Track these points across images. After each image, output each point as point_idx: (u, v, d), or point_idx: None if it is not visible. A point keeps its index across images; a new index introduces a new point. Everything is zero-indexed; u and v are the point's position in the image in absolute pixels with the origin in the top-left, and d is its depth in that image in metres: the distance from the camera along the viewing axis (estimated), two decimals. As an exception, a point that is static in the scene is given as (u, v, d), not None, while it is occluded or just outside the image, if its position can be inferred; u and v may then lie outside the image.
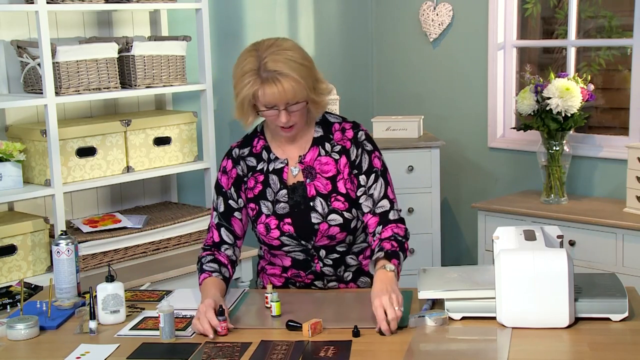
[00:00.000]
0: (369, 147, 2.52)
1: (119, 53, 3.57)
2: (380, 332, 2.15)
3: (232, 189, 2.52)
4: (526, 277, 2.12)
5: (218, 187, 2.55)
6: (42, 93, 3.35)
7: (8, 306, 2.48)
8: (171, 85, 3.75)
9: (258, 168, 2.52)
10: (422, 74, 4.86)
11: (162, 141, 3.74)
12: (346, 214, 2.46)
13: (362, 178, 2.49)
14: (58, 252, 2.46)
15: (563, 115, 3.90)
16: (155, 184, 4.04)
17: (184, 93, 4.04)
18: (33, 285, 2.70)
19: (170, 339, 2.17)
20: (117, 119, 3.63)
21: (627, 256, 3.69)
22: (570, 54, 4.29)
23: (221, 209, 2.53)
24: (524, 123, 4.06)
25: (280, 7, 4.56)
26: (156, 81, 3.68)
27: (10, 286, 2.67)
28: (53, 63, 3.34)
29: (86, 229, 3.47)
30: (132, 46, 3.59)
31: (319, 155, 2.50)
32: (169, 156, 3.77)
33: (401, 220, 2.49)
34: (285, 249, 2.50)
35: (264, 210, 2.49)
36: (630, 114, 4.08)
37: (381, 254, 2.37)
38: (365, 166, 2.49)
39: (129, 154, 3.63)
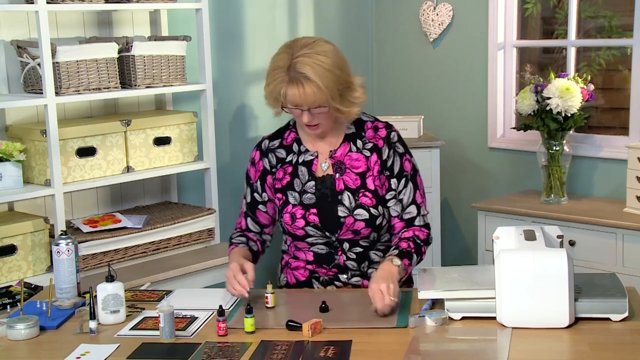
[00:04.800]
0: (400, 149, 2.57)
1: (119, 53, 3.57)
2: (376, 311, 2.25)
3: (258, 182, 2.62)
4: (526, 277, 2.12)
5: (247, 177, 2.66)
6: (42, 93, 3.35)
7: (8, 306, 2.48)
8: (171, 85, 3.75)
9: (287, 160, 2.59)
10: (422, 74, 4.86)
11: (162, 141, 3.74)
12: (373, 210, 2.50)
13: (394, 182, 2.54)
14: (58, 252, 2.47)
15: (563, 115, 3.89)
16: (155, 184, 4.04)
17: (184, 93, 4.04)
18: (33, 285, 2.70)
19: (170, 339, 2.17)
20: (117, 119, 3.63)
21: (627, 256, 3.69)
22: (570, 54, 4.29)
23: (248, 199, 2.67)
24: (524, 123, 4.06)
25: (280, 7, 4.56)
26: (156, 81, 3.68)
27: (10, 286, 2.67)
28: (53, 63, 3.34)
29: (86, 229, 3.47)
30: (132, 46, 3.59)
31: (350, 151, 2.55)
32: (169, 156, 3.77)
33: (426, 226, 2.57)
34: (309, 240, 2.53)
35: (291, 200, 2.55)
36: (630, 114, 4.08)
37: (395, 251, 2.43)
38: (396, 169, 2.54)
39: (129, 154, 3.63)
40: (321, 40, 2.46)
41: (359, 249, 2.54)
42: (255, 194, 2.63)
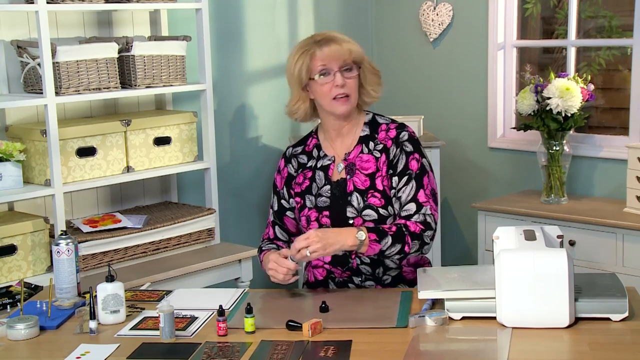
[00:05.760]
0: (408, 148, 2.54)
1: (119, 53, 3.57)
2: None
3: (285, 189, 2.65)
4: (526, 277, 2.12)
5: (274, 186, 2.69)
6: (42, 93, 3.35)
7: (8, 306, 2.48)
8: (171, 85, 3.75)
9: (308, 165, 2.62)
10: (422, 74, 4.86)
11: (162, 141, 3.74)
12: (381, 211, 2.50)
13: (395, 179, 2.53)
14: (58, 252, 2.47)
15: (563, 115, 3.89)
16: (155, 184, 4.04)
17: (184, 93, 4.04)
18: (33, 285, 2.70)
19: (170, 339, 2.17)
20: (117, 119, 3.63)
21: (627, 256, 3.69)
22: (570, 54, 4.29)
23: (275, 207, 2.68)
24: (524, 123, 4.06)
25: (280, 7, 4.56)
26: (156, 81, 3.68)
27: (10, 286, 2.67)
28: (53, 63, 3.34)
29: (86, 229, 3.47)
30: (132, 46, 3.59)
31: (362, 152, 2.57)
32: (169, 156, 3.77)
33: (424, 223, 2.48)
34: None
35: (308, 203, 2.58)
36: (630, 114, 4.08)
37: (370, 225, 2.45)
38: (400, 167, 2.53)
39: (129, 154, 3.63)
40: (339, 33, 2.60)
41: (362, 254, 2.53)
42: (283, 201, 2.65)
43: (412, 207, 2.49)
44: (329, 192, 2.56)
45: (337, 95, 2.50)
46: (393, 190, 2.52)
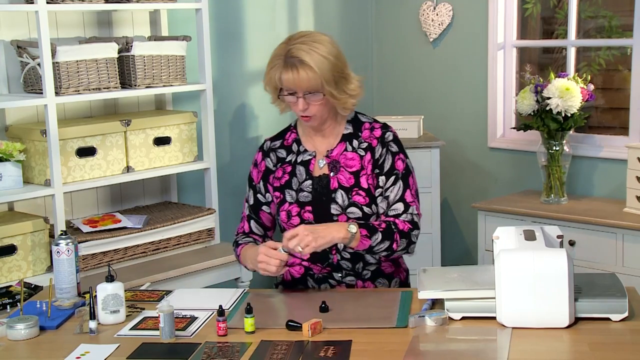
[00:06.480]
0: (394, 148, 2.56)
1: (119, 53, 3.57)
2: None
3: (261, 183, 2.63)
4: (526, 277, 2.12)
5: (250, 179, 2.67)
6: (42, 93, 3.35)
7: (8, 306, 2.48)
8: (171, 85, 3.75)
9: (287, 159, 2.61)
10: (422, 74, 4.86)
11: (162, 141, 3.74)
12: (366, 209, 2.51)
13: (382, 179, 2.54)
14: (58, 252, 2.47)
15: (563, 115, 3.89)
16: (155, 184, 4.04)
17: (184, 93, 4.04)
18: (33, 285, 2.70)
19: (170, 339, 2.17)
20: (117, 119, 3.63)
21: (627, 256, 3.69)
22: (570, 54, 4.29)
23: (251, 201, 2.66)
24: (524, 123, 4.06)
25: (280, 7, 4.56)
26: (156, 81, 3.68)
27: (10, 286, 2.67)
28: (53, 63, 3.34)
29: (86, 229, 3.47)
30: (132, 46, 3.59)
31: (345, 150, 2.56)
32: (169, 156, 3.77)
33: (412, 223, 2.51)
34: None
35: (288, 198, 2.56)
36: (630, 114, 4.08)
37: (361, 222, 2.45)
38: (387, 167, 2.54)
39: (129, 154, 3.63)
40: (318, 32, 2.54)
41: (351, 249, 2.53)
42: (259, 195, 2.64)
43: (400, 206, 2.52)
44: (311, 187, 2.55)
45: (301, 115, 2.51)
46: (379, 190, 2.53)
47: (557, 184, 4.05)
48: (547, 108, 3.90)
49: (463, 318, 2.23)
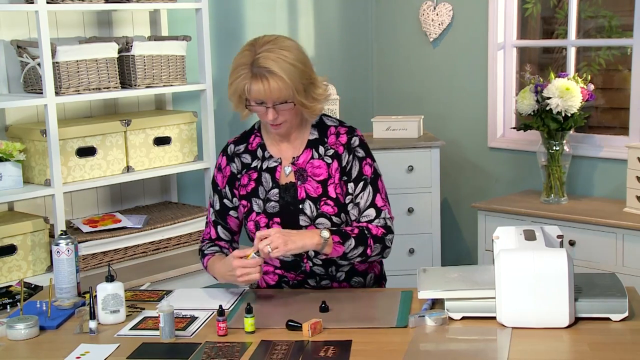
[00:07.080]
0: (360, 153, 2.51)
1: (119, 53, 3.58)
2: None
3: (227, 188, 2.56)
4: (526, 277, 2.12)
5: (214, 184, 2.59)
6: (42, 93, 3.35)
7: (8, 306, 2.48)
8: (171, 85, 3.75)
9: (252, 165, 2.54)
10: (422, 74, 4.86)
11: (162, 141, 3.74)
12: (335, 219, 2.47)
13: (351, 186, 2.49)
14: (58, 252, 2.46)
15: (563, 115, 3.89)
16: (155, 184, 4.04)
17: (184, 93, 4.04)
18: (33, 285, 2.70)
19: (170, 339, 2.17)
20: (117, 119, 3.63)
21: (627, 256, 3.69)
22: (570, 54, 4.29)
23: (217, 206, 2.59)
24: (524, 123, 4.06)
25: (280, 7, 4.56)
26: (156, 81, 3.68)
27: (10, 286, 2.67)
28: (53, 63, 3.34)
29: (86, 229, 3.47)
30: (132, 46, 3.59)
31: (312, 158, 2.50)
32: (169, 156, 3.77)
33: (385, 227, 2.48)
34: None
35: (255, 208, 2.50)
36: (630, 114, 4.08)
37: (334, 229, 2.41)
38: (354, 174, 2.49)
39: (129, 154, 3.63)
40: (283, 37, 2.44)
41: (324, 256, 2.49)
42: (226, 200, 2.57)
43: (371, 212, 2.48)
44: (278, 195, 2.49)
45: (270, 123, 2.44)
46: (349, 197, 2.48)
47: (557, 184, 4.05)
48: (547, 108, 3.90)
49: (463, 318, 2.23)
